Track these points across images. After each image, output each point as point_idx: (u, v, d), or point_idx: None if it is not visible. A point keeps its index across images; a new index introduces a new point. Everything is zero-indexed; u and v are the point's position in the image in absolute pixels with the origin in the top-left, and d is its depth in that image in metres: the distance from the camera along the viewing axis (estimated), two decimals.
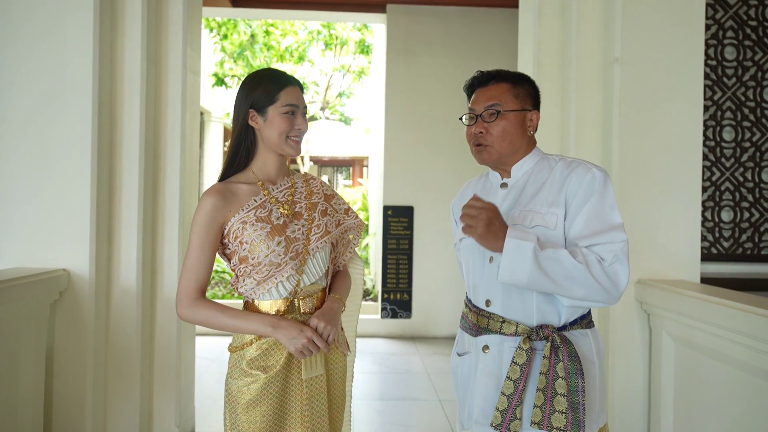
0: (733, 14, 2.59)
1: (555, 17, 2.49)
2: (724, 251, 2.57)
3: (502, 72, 1.41)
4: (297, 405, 1.35)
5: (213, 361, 4.13)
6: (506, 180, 1.40)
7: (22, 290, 1.90)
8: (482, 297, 1.35)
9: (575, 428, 1.20)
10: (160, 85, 2.51)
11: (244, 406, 1.33)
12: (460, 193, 1.56)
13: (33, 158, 2.15)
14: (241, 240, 1.35)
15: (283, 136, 1.39)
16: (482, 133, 1.36)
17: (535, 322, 1.29)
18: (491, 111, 1.35)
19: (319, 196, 1.48)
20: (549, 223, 1.27)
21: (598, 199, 1.26)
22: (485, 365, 1.32)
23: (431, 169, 4.93)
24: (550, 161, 1.38)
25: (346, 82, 9.63)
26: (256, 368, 1.34)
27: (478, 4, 4.86)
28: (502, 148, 1.36)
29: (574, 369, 1.22)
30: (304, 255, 1.38)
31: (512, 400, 1.24)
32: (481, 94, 1.39)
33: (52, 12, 2.15)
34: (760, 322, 1.62)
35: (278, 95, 1.39)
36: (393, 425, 3.09)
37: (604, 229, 1.24)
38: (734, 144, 2.59)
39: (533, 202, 1.31)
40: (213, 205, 1.35)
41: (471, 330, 1.38)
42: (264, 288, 1.36)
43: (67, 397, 2.14)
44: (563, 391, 1.21)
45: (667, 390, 2.11)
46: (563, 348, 1.23)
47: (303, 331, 1.30)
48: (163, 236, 2.50)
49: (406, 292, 4.99)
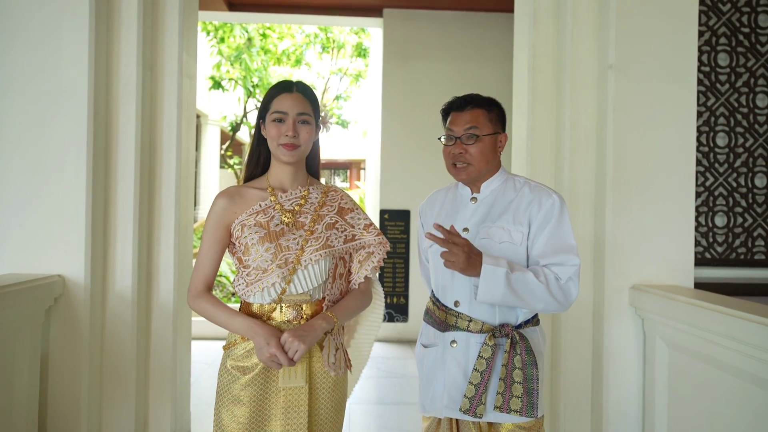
0: (726, 21, 2.62)
1: (550, 24, 2.51)
2: (717, 256, 2.58)
3: (476, 97, 1.56)
4: (278, 411, 1.37)
5: (208, 366, 4.12)
6: (476, 195, 1.57)
7: (17, 296, 1.89)
8: (451, 298, 1.53)
9: (529, 410, 1.42)
10: (156, 90, 2.51)
11: (226, 402, 1.38)
12: (429, 199, 1.72)
13: (28, 164, 2.15)
14: (240, 241, 1.41)
15: (275, 143, 1.43)
16: (461, 154, 1.52)
17: (497, 321, 1.49)
18: (469, 134, 1.51)
19: (332, 209, 1.48)
20: (515, 239, 1.47)
21: (557, 223, 1.46)
22: (454, 358, 1.50)
23: (428, 173, 4.93)
24: (515, 182, 1.57)
25: (343, 85, 9.64)
26: (237, 369, 1.39)
27: (474, 9, 4.88)
28: (481, 167, 1.53)
29: (530, 361, 1.44)
30: (294, 265, 1.39)
31: (479, 389, 1.44)
32: (458, 117, 1.54)
33: (47, 17, 2.15)
34: (752, 327, 1.63)
35: (271, 103, 1.44)
36: (389, 429, 3.09)
37: (561, 249, 1.45)
38: (727, 149, 2.60)
39: (502, 219, 1.50)
40: (221, 205, 1.43)
41: (438, 325, 1.55)
42: (251, 291, 1.40)
43: (63, 402, 2.13)
44: (520, 380, 1.42)
45: (661, 394, 2.12)
46: (521, 343, 1.44)
47: (269, 345, 1.30)
48: (159, 241, 2.50)
49: (402, 295, 5.00)
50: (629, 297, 2.23)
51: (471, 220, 1.54)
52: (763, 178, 2.62)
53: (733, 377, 1.77)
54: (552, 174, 2.49)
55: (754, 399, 1.68)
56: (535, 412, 1.42)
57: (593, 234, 2.36)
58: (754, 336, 1.63)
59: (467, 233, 1.52)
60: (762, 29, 2.62)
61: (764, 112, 2.62)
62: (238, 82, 7.89)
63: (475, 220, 1.54)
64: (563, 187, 2.39)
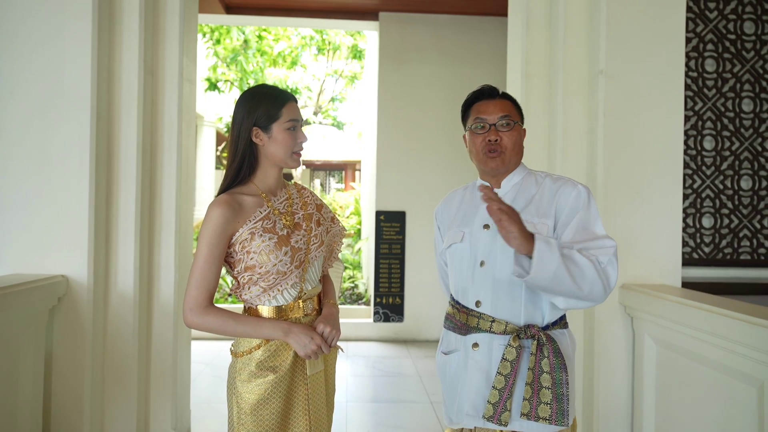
0: (713, 28, 2.69)
1: (542, 30, 2.57)
2: (705, 256, 2.65)
3: (498, 90, 1.52)
4: (300, 400, 1.44)
5: (207, 365, 4.16)
6: (497, 190, 1.48)
7: (21, 296, 1.92)
8: (472, 298, 1.43)
9: (559, 417, 1.30)
10: (157, 93, 2.55)
11: (253, 405, 1.39)
12: (445, 200, 1.63)
13: (31, 165, 2.18)
14: (249, 250, 1.40)
15: (288, 150, 1.46)
16: (497, 141, 1.44)
17: (522, 321, 1.38)
18: (505, 121, 1.45)
19: (312, 206, 1.57)
20: (542, 231, 1.37)
21: (585, 212, 1.38)
22: (476, 361, 1.40)
23: (423, 175, 4.99)
24: (536, 177, 1.49)
25: (338, 86, 9.68)
26: (266, 369, 1.41)
27: (468, 13, 4.94)
28: (513, 156, 1.47)
29: (558, 364, 1.32)
30: (305, 264, 1.47)
31: (503, 394, 1.33)
32: (491, 105, 1.47)
33: (49, 21, 2.19)
34: (737, 325, 1.69)
35: (281, 111, 1.45)
36: (385, 427, 3.14)
37: (592, 237, 1.35)
38: (714, 153, 2.67)
39: (525, 212, 1.40)
40: (224, 216, 1.39)
41: (459, 329, 1.45)
42: (270, 294, 1.44)
43: (66, 401, 2.17)
44: (548, 385, 1.31)
45: (649, 391, 2.18)
46: (548, 345, 1.33)
47: (313, 339, 1.41)
48: (160, 243, 2.54)
49: (398, 296, 5.05)
50: (619, 296, 2.29)
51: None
52: (749, 181, 2.69)
53: (719, 373, 1.83)
54: None
55: (739, 394, 1.74)
56: (566, 420, 1.30)
57: None
58: (739, 334, 1.69)
59: (488, 230, 1.44)
60: (747, 36, 2.70)
61: (750, 116, 2.69)
62: (234, 83, 7.91)
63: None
64: None
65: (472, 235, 1.46)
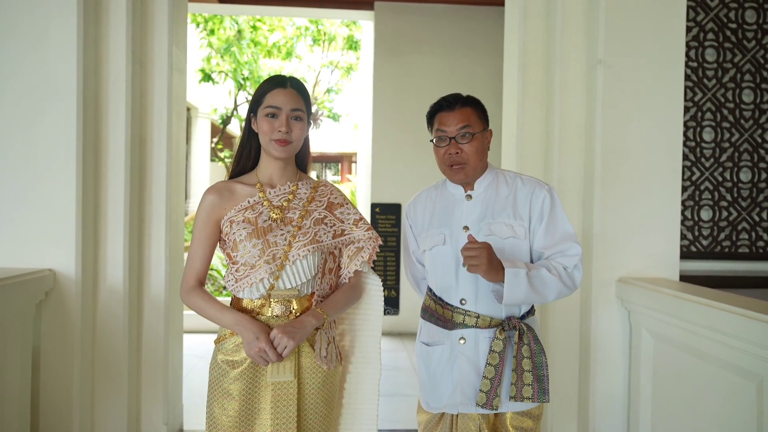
0: (714, 17, 2.65)
1: (540, 20, 2.52)
2: (703, 249, 2.63)
3: (460, 96, 1.54)
4: (265, 405, 1.38)
5: (200, 359, 4.13)
6: (470, 192, 1.57)
7: (8, 291, 1.89)
8: (456, 297, 1.54)
9: (541, 395, 1.48)
10: (146, 84, 2.50)
11: (217, 396, 1.40)
12: (416, 199, 1.69)
13: (18, 158, 2.14)
14: (229, 237, 1.43)
15: (267, 137, 1.42)
16: (458, 154, 1.50)
17: (504, 315, 1.52)
18: (464, 132, 1.50)
19: (321, 204, 1.48)
20: (519, 234, 1.51)
21: (551, 215, 1.51)
22: (465, 355, 1.52)
23: (419, 167, 4.95)
24: (506, 176, 1.58)
25: (334, 78, 9.60)
26: (226, 363, 1.40)
27: (465, 2, 4.88)
28: (476, 165, 1.53)
29: (538, 349, 1.49)
30: (282, 260, 1.39)
31: (494, 382, 1.47)
32: (449, 117, 1.52)
33: (36, 12, 2.13)
34: (734, 319, 1.67)
35: (264, 98, 1.43)
36: (381, 421, 3.12)
37: (561, 239, 1.51)
38: (714, 144, 2.64)
39: (502, 214, 1.52)
40: (210, 201, 1.44)
41: (443, 324, 1.55)
42: (240, 286, 1.41)
43: (54, 397, 2.13)
44: (529, 368, 1.47)
45: (646, 384, 2.16)
46: (528, 333, 1.49)
47: (258, 339, 1.31)
48: (150, 235, 2.50)
49: (393, 288, 5.03)
50: (616, 289, 2.27)
51: (469, 218, 1.54)
52: (749, 173, 2.66)
53: (717, 368, 1.81)
54: (541, 168, 2.52)
55: (735, 388, 1.72)
56: (546, 397, 1.48)
57: (581, 227, 2.39)
58: (736, 327, 1.67)
59: (467, 231, 1.52)
60: (749, 25, 2.66)
61: (750, 107, 2.66)
62: (228, 74, 7.83)
63: (473, 217, 1.54)
64: (552, 181, 2.42)
65: (452, 237, 1.54)
